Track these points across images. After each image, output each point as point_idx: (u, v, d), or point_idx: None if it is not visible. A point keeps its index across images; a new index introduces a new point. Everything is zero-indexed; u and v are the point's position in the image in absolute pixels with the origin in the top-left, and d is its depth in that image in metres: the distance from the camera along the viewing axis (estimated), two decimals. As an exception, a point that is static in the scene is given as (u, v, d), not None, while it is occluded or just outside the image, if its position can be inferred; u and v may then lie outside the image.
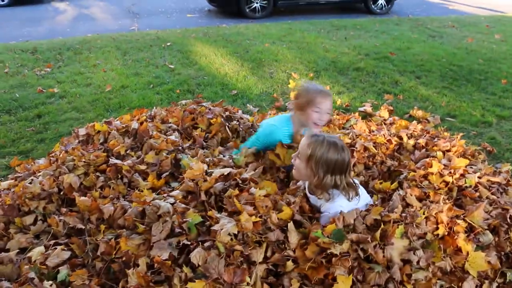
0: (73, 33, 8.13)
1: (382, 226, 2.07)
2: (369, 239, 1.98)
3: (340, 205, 2.15)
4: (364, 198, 2.31)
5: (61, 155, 2.75)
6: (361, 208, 2.23)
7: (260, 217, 2.08)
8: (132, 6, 11.24)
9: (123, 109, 4.38)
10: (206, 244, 1.96)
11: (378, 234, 2.02)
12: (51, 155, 2.96)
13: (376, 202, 2.45)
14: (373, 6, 11.01)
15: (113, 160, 2.62)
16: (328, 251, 1.92)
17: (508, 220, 2.53)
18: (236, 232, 1.98)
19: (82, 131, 3.08)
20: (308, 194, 2.33)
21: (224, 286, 1.81)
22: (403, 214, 2.23)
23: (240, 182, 2.42)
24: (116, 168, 2.57)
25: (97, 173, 2.60)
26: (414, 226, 2.16)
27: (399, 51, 6.94)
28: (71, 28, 8.85)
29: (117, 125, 3.10)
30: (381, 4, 11.09)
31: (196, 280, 1.81)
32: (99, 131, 3.03)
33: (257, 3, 9.92)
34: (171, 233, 2.03)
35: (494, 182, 2.91)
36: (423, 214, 2.25)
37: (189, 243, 1.97)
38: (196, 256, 1.89)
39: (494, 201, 2.70)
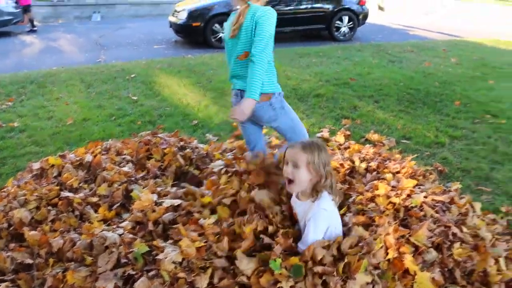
0: (39, 66, 8.13)
1: (346, 259, 2.11)
2: (334, 272, 2.03)
3: (324, 209, 2.21)
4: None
5: (12, 190, 2.77)
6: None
7: (206, 242, 2.14)
8: (100, 38, 11.33)
9: (84, 142, 4.39)
10: (151, 273, 2.01)
11: (341, 267, 2.06)
12: (2, 190, 2.97)
13: None
14: (336, 33, 11.34)
15: (65, 193, 2.65)
16: (278, 285, 1.96)
17: (450, 236, 2.65)
18: (180, 260, 2.03)
19: (36, 165, 3.11)
20: (297, 201, 2.37)
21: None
22: (360, 244, 2.31)
23: (193, 211, 2.48)
24: (68, 201, 2.61)
25: (49, 207, 2.62)
26: (371, 256, 2.22)
27: (360, 77, 7.16)
28: (37, 61, 8.84)
29: (71, 158, 3.14)
30: (344, 31, 11.43)
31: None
32: (53, 165, 3.07)
33: (223, 33, 10.09)
34: (117, 263, 2.07)
35: (438, 201, 3.04)
36: (380, 243, 2.30)
37: (134, 273, 2.01)
38: (140, 285, 1.93)
39: (437, 219, 2.83)
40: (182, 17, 10.02)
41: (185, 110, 5.39)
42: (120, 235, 2.21)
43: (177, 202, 2.47)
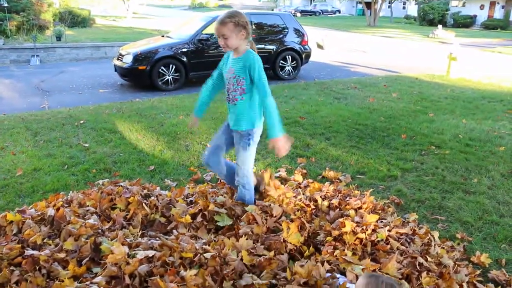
0: (-23, 115, 7.80)
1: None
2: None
3: None
4: None
5: (-31, 252, 2.62)
6: None
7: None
8: (41, 83, 11.03)
9: (37, 193, 4.21)
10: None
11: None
12: (-42, 251, 2.79)
13: None
14: (281, 73, 11.68)
15: (29, 251, 2.53)
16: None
17: (418, 267, 2.77)
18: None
19: (-7, 223, 2.95)
20: None
21: None
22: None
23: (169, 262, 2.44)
24: (33, 260, 2.49)
25: (12, 267, 2.49)
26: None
27: (308, 115, 7.37)
28: (-26, 109, 8.48)
29: (31, 213, 3.01)
30: (288, 70, 11.79)
31: None
32: (11, 221, 2.92)
33: (169, 76, 10.15)
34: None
35: (402, 234, 3.18)
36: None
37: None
38: None
39: (404, 251, 2.95)
40: (128, 60, 9.99)
41: (139, 155, 5.32)
42: (96, 292, 2.14)
43: (151, 253, 2.42)
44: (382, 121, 7.06)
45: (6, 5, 17.19)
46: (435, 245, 3.09)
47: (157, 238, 2.71)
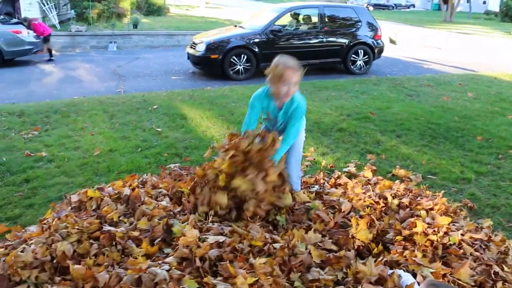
0: (60, 95, 8.26)
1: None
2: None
3: None
4: None
5: (53, 222, 2.78)
6: None
7: (257, 281, 2.13)
8: (118, 68, 11.51)
9: (112, 173, 4.41)
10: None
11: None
12: (43, 222, 2.97)
13: None
14: (352, 67, 11.46)
15: (106, 227, 2.66)
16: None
17: (493, 275, 2.63)
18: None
19: (74, 198, 3.12)
20: None
21: None
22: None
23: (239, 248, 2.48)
24: (110, 235, 2.60)
25: (91, 240, 2.62)
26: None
27: (379, 111, 7.19)
28: (58, 90, 8.99)
29: (109, 192, 3.16)
30: (360, 64, 11.55)
31: None
32: (91, 198, 3.08)
33: (240, 65, 10.25)
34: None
35: (476, 239, 3.03)
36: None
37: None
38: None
39: (477, 257, 2.81)
40: (201, 49, 10.19)
41: (210, 143, 5.41)
42: (167, 271, 2.21)
43: (221, 238, 2.46)
44: (456, 121, 6.76)
45: (89, -6, 18.08)
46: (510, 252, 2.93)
47: (228, 224, 2.75)
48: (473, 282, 2.55)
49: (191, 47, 10.75)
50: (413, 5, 61.42)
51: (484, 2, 54.34)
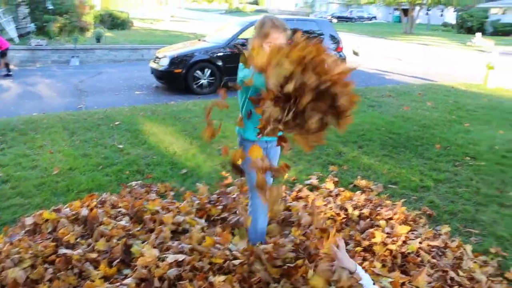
0: (18, 112, 8.03)
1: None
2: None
3: None
4: None
5: (5, 248, 2.68)
6: None
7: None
8: (80, 84, 11.30)
9: (72, 192, 4.31)
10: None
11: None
12: (-6, 247, 2.86)
13: None
14: (315, 79, 11.58)
15: (62, 250, 2.58)
16: None
17: (449, 281, 2.69)
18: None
19: (29, 221, 3.02)
20: None
21: None
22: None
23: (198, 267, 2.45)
24: (66, 259, 2.54)
25: (46, 265, 2.54)
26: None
27: (341, 123, 7.27)
28: (15, 106, 8.73)
29: (66, 213, 3.08)
30: (323, 77, 11.69)
31: None
32: (47, 220, 2.99)
33: (204, 79, 10.23)
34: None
35: (433, 246, 3.10)
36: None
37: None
38: None
39: (434, 264, 2.87)
40: (164, 63, 10.13)
41: (172, 158, 5.37)
42: (125, 293, 2.16)
43: (181, 257, 2.43)
44: (416, 130, 6.93)
45: (51, 7, 17.72)
46: (467, 259, 3.00)
47: (188, 243, 2.72)
48: (430, 289, 2.61)
49: (154, 62, 10.67)
50: (375, 17, 62.79)
51: (442, 15, 56.04)
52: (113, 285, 2.28)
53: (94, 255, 2.60)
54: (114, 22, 25.37)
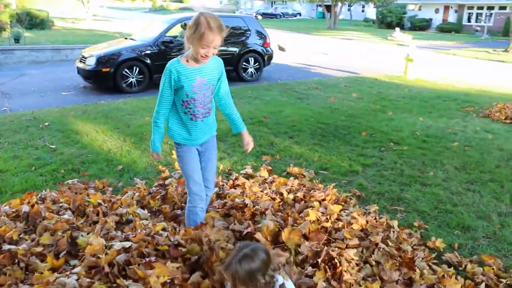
0: None
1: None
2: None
3: None
4: None
5: None
6: None
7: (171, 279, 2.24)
8: (1, 86, 10.82)
9: (5, 194, 4.21)
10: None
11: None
12: None
13: None
14: (244, 74, 11.86)
15: (6, 246, 2.60)
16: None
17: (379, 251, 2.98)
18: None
19: (-34, 221, 2.99)
20: None
21: None
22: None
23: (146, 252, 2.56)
24: (11, 254, 2.55)
25: (-11, 262, 2.55)
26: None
27: (272, 115, 7.56)
28: None
29: (6, 211, 3.07)
30: (251, 72, 11.98)
31: None
32: (-14, 219, 2.98)
33: (133, 78, 10.16)
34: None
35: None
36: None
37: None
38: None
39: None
40: (91, 62, 9.94)
41: (107, 156, 5.37)
42: (76, 280, 2.23)
43: (128, 244, 2.53)
44: (343, 120, 7.33)
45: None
46: (394, 231, 3.31)
47: (132, 233, 2.81)
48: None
49: (80, 61, 10.43)
50: (300, 14, 64.23)
51: (363, 11, 58.39)
52: (63, 274, 2.34)
53: (39, 249, 2.63)
54: (32, 21, 24.27)
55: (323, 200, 3.73)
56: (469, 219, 3.93)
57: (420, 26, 43.60)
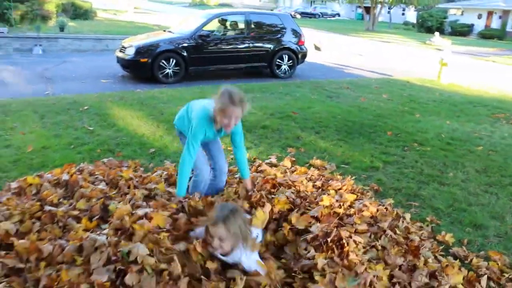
0: (-16, 98, 8.13)
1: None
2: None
3: (247, 260, 2.67)
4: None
5: (-5, 206, 2.99)
6: None
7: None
8: (45, 71, 11.36)
9: (47, 168, 4.56)
10: (136, 268, 2.33)
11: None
12: (-16, 206, 3.16)
13: None
14: (277, 71, 12.08)
15: (47, 207, 2.91)
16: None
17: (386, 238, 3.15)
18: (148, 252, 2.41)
19: (14, 184, 3.33)
20: (223, 258, 2.73)
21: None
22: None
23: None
24: (51, 215, 2.86)
25: (33, 220, 2.86)
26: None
27: (301, 110, 7.77)
28: (-19, 92, 8.80)
29: (48, 178, 3.39)
30: (285, 69, 12.19)
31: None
32: (31, 184, 3.30)
33: (169, 69, 10.52)
34: (107, 261, 2.37)
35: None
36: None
37: (123, 268, 2.32)
38: (130, 278, 2.25)
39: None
40: (130, 52, 10.35)
41: (141, 139, 5.70)
42: (106, 238, 2.52)
43: (150, 210, 2.81)
44: (370, 119, 7.47)
45: (11, -6, 17.51)
46: (403, 221, 3.48)
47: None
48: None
49: (120, 51, 10.86)
50: (338, 14, 63.92)
51: (403, 14, 57.66)
52: (94, 233, 2.63)
53: (75, 212, 2.93)
54: (76, 11, 25.14)
55: (339, 189, 3.92)
56: (482, 218, 4.05)
57: (461, 31, 42.80)
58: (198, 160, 3.44)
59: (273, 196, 3.44)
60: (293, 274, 2.70)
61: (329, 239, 2.84)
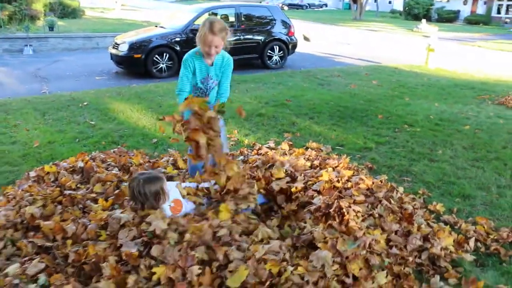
0: (-19, 98, 8.24)
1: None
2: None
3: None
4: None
5: (18, 192, 3.20)
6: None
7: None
8: (38, 71, 11.48)
9: (56, 160, 4.76)
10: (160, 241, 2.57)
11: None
12: (8, 194, 3.37)
13: None
14: (268, 62, 12.31)
15: (67, 192, 3.13)
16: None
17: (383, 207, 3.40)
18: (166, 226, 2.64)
19: (32, 173, 3.54)
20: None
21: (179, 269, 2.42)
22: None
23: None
24: (71, 198, 3.09)
25: (55, 204, 3.09)
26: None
27: (294, 98, 8.01)
28: (-23, 93, 8.90)
29: (64, 166, 3.61)
30: (276, 59, 12.42)
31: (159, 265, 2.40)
32: (48, 172, 3.52)
33: (163, 64, 10.70)
34: (133, 237, 2.60)
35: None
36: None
37: (149, 241, 2.56)
38: (156, 249, 2.48)
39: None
40: (123, 49, 10.52)
41: (143, 131, 5.91)
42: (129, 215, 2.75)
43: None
44: (362, 104, 7.73)
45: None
46: (397, 192, 3.74)
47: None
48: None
49: (113, 48, 11.02)
50: (326, 5, 64.02)
51: (390, 2, 58.01)
52: (115, 211, 2.86)
53: (93, 195, 3.16)
54: (64, 10, 25.13)
55: (336, 167, 4.17)
56: (470, 189, 4.33)
57: (447, 18, 43.22)
58: None
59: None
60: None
61: (331, 210, 3.08)
